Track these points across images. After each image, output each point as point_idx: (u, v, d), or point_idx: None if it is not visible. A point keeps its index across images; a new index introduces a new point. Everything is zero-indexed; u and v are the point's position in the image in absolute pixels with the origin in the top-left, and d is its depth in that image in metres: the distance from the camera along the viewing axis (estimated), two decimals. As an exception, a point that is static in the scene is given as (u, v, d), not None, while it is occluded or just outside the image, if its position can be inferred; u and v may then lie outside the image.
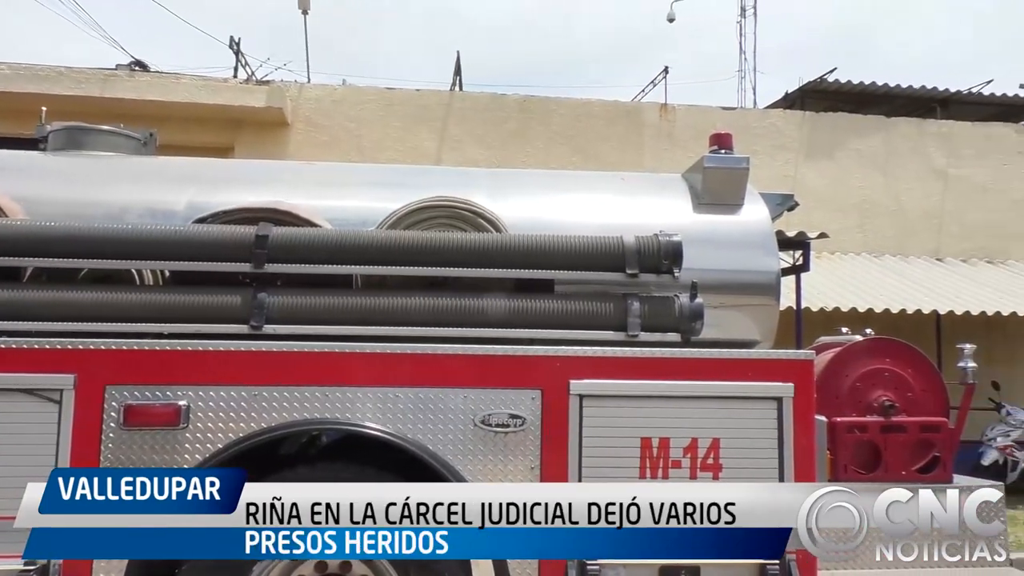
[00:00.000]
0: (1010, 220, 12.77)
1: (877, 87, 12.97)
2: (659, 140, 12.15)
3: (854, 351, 4.12)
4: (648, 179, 4.62)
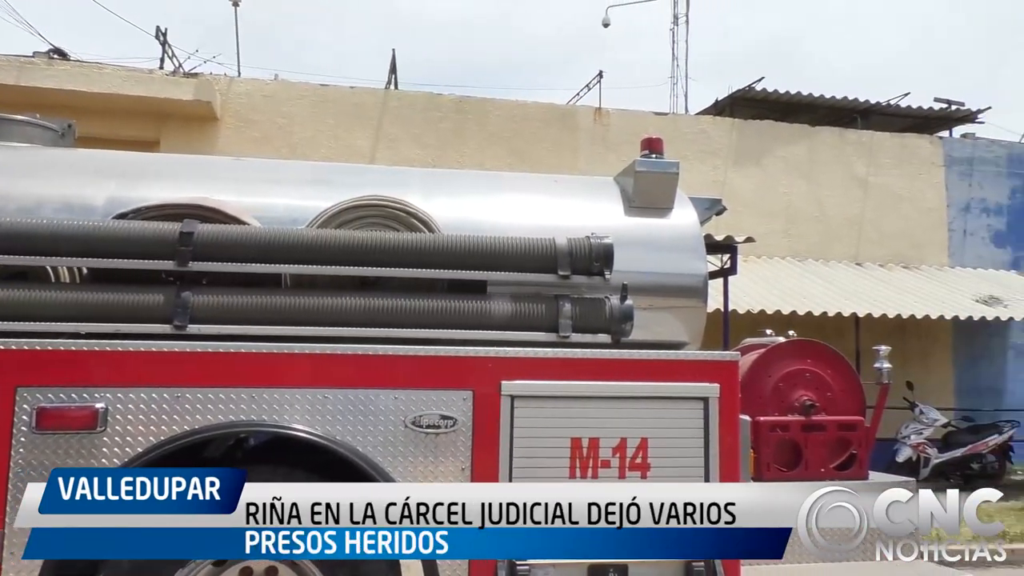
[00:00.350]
0: (924, 227, 13.38)
1: (802, 96, 13.40)
2: (593, 143, 12.31)
3: (777, 352, 4.25)
4: (581, 182, 4.66)
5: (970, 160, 13.73)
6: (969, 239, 13.56)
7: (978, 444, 10.63)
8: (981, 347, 13.07)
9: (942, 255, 13.35)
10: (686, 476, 3.38)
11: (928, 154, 13.60)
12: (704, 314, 4.00)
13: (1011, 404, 12.73)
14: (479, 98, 12.49)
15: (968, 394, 12.91)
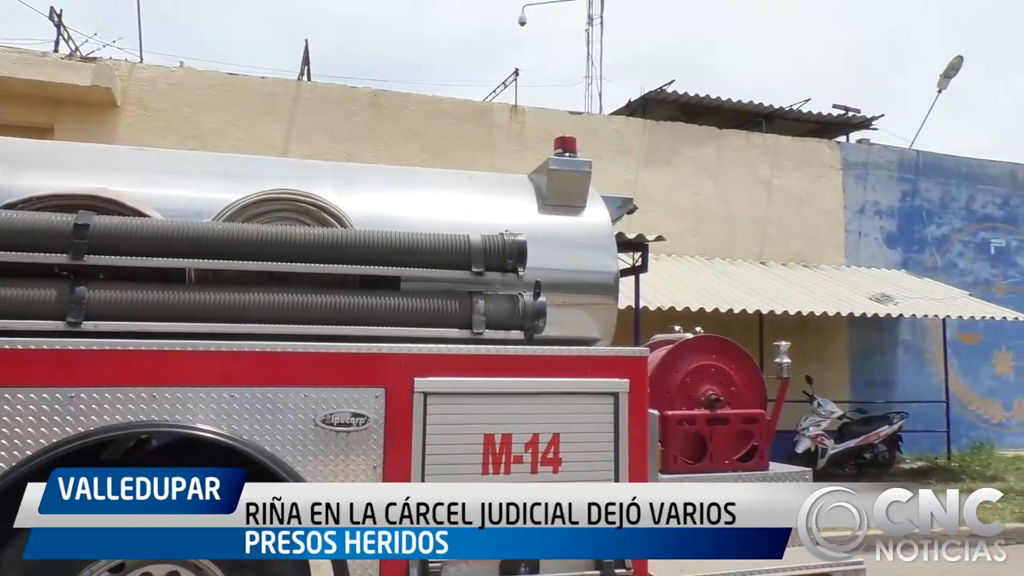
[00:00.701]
0: (823, 228, 14.00)
1: (710, 100, 13.80)
2: (509, 141, 12.36)
3: (684, 348, 4.38)
4: (495, 179, 4.68)
5: (865, 164, 14.46)
6: (864, 240, 14.27)
7: (870, 435, 11.18)
8: (874, 343, 13.78)
9: (839, 255, 14.00)
10: (597, 470, 3.44)
11: (827, 158, 14.23)
12: (615, 311, 4.07)
13: (900, 396, 13.46)
14: (395, 92, 12.35)
15: (862, 387, 13.59)
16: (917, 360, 14.07)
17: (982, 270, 14.98)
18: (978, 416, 14.36)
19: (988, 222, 15.17)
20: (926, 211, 14.70)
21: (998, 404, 14.61)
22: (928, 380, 13.79)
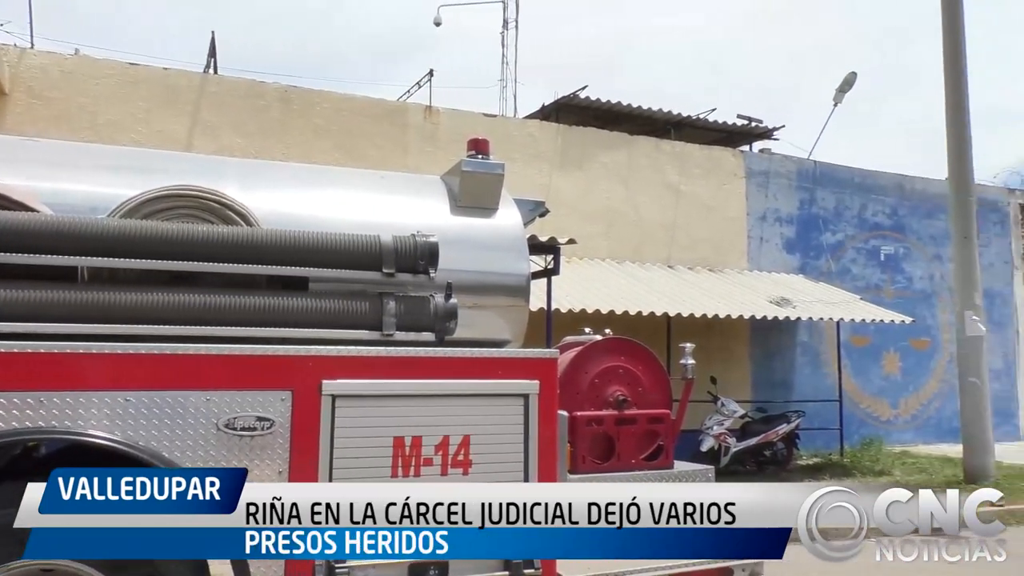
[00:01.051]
0: (727, 233, 14.50)
1: (622, 106, 14.10)
2: (423, 141, 12.29)
3: (594, 350, 4.45)
4: (407, 179, 4.65)
5: (766, 173, 15.06)
6: (765, 245, 14.85)
7: (770, 433, 11.63)
8: (774, 344, 14.36)
9: (742, 260, 14.53)
10: (506, 471, 3.45)
11: (731, 166, 14.75)
12: (527, 313, 4.11)
13: (798, 396, 14.07)
14: (305, 88, 12.10)
15: (762, 387, 14.13)
16: (813, 361, 14.74)
17: (872, 276, 15.82)
18: (868, 414, 15.16)
19: (878, 230, 16.04)
20: (822, 219, 15.43)
21: (886, 403, 15.46)
22: (823, 380, 14.47)
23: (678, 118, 14.63)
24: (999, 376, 16.14)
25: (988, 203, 16.73)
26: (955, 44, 11.63)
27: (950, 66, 11.68)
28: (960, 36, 11.64)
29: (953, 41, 11.65)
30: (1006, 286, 17.30)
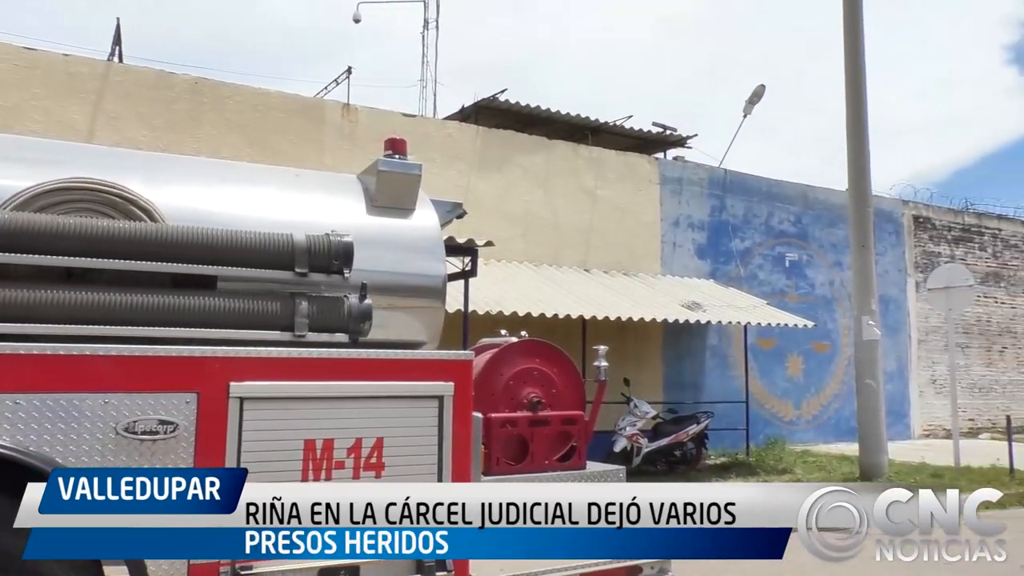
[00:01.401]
0: (642, 238, 14.82)
1: (541, 111, 14.22)
2: (340, 140, 12.10)
3: (509, 352, 4.47)
4: (322, 177, 4.57)
5: (680, 180, 15.46)
6: (677, 251, 15.25)
7: (680, 433, 11.92)
8: (685, 347, 14.75)
9: (655, 264, 14.87)
10: (420, 473, 3.43)
11: (646, 172, 15.08)
12: (442, 314, 4.09)
13: (707, 397, 14.49)
14: (217, 81, 11.74)
15: (674, 389, 14.49)
16: (722, 363, 15.22)
17: (778, 281, 16.45)
18: (773, 415, 15.75)
19: (784, 237, 16.70)
20: (732, 226, 15.95)
21: (789, 404, 16.10)
22: (731, 382, 14.94)
23: (595, 124, 14.86)
24: (893, 378, 17.04)
25: (884, 214, 17.65)
26: (856, 63, 12.23)
27: (851, 84, 12.28)
28: (860, 56, 12.24)
29: (854, 60, 12.25)
30: (900, 293, 18.28)
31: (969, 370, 18.99)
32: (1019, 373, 20.18)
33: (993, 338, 19.78)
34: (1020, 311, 20.46)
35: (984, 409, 19.07)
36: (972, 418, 18.56)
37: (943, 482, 9.83)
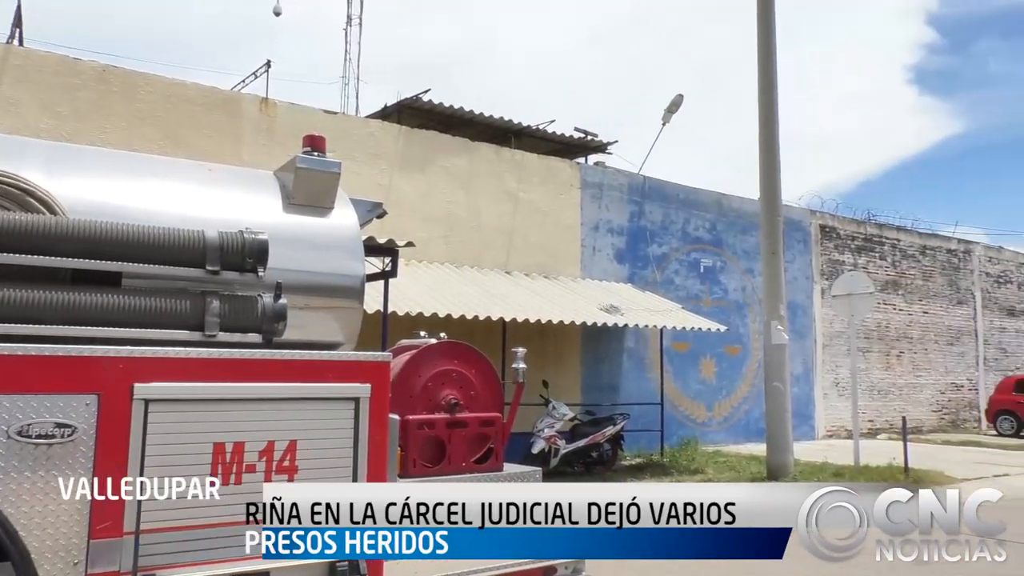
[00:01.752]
0: (563, 242, 14.98)
1: (464, 112, 14.21)
2: (259, 135, 11.80)
3: (427, 353, 4.44)
4: (237, 173, 4.43)
5: (600, 185, 15.70)
6: (597, 255, 15.48)
7: (597, 435, 12.11)
8: (603, 349, 14.98)
9: (575, 267, 15.05)
10: (335, 476, 3.37)
11: (568, 177, 15.26)
12: (360, 315, 4.03)
13: (624, 399, 14.75)
14: (127, 70, 11.26)
15: (592, 391, 14.70)
16: (638, 366, 15.52)
17: (693, 286, 16.90)
18: (686, 416, 16.16)
19: (699, 243, 17.16)
20: (650, 231, 16.30)
21: (702, 406, 16.55)
22: (647, 384, 15.26)
23: (518, 127, 14.94)
24: (799, 381, 17.74)
25: (793, 223, 18.36)
26: (768, 77, 12.68)
27: (763, 97, 12.72)
28: (772, 71, 12.70)
29: (767, 75, 12.69)
30: (807, 299, 19.05)
31: (869, 373, 19.94)
32: (914, 376, 21.32)
33: (891, 343, 20.83)
34: (916, 318, 21.62)
35: (883, 411, 20.05)
36: (871, 419, 19.50)
37: (843, 480, 10.29)
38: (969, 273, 23.43)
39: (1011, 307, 24.60)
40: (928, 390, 21.64)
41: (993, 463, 14.05)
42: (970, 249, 23.72)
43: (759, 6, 12.83)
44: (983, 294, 23.65)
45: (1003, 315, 24.30)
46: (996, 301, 24.12)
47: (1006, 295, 24.52)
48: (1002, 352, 24.01)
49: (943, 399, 22.04)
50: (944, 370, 22.15)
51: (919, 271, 22.00)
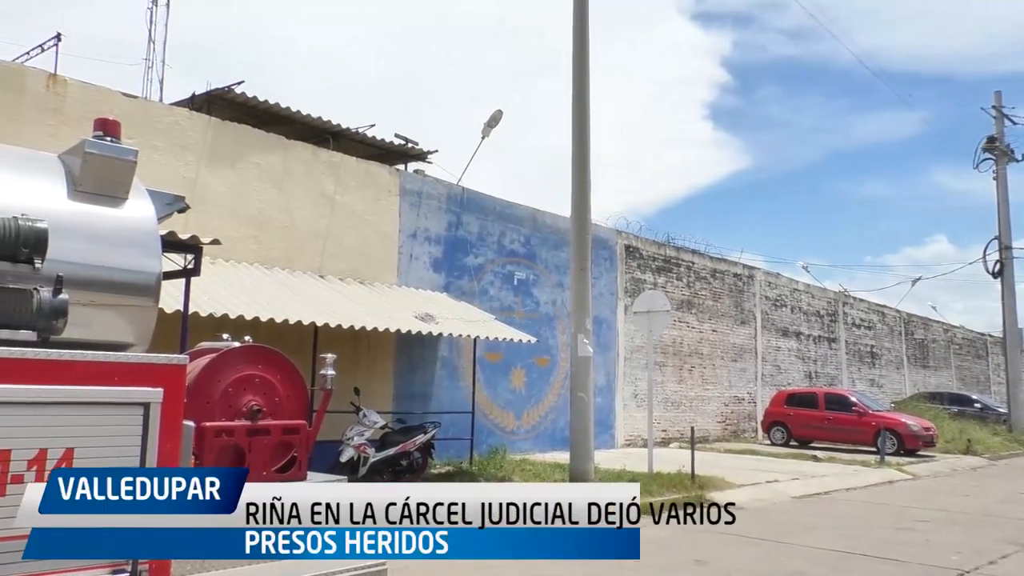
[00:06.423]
0: (379, 248, 14.83)
1: (280, 108, 13.68)
2: (43, 114, 10.70)
3: (228, 357, 4.23)
4: (14, 153, 4.00)
5: (419, 193, 15.72)
6: (414, 262, 15.47)
7: (407, 443, 12.06)
8: (417, 358, 14.97)
9: (392, 274, 14.95)
10: (117, 488, 3.12)
11: (387, 183, 15.14)
12: (155, 314, 3.76)
13: (436, 407, 14.83)
14: None
15: (404, 399, 14.64)
16: (452, 374, 15.66)
17: (507, 298, 17.33)
18: (496, 425, 16.50)
19: (514, 256, 17.65)
20: (467, 242, 16.54)
21: (511, 414, 16.98)
22: (459, 393, 15.43)
23: (337, 128, 14.61)
24: (602, 392, 18.69)
25: (601, 241, 19.36)
26: (581, 104, 13.29)
27: (577, 122, 13.31)
28: (585, 97, 13.32)
29: (580, 101, 13.30)
30: (611, 314, 20.13)
31: (664, 386, 21.40)
32: (704, 389, 23.15)
33: (684, 358, 22.50)
34: (706, 335, 23.51)
35: (675, 421, 21.58)
36: (665, 429, 20.92)
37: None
38: (752, 296, 25.83)
39: (785, 328, 27.40)
40: (714, 402, 23.56)
41: (766, 470, 15.54)
42: (753, 274, 26.16)
43: (575, 30, 13.42)
44: (763, 315, 26.16)
45: (778, 335, 27.01)
46: (773, 322, 26.77)
47: (781, 317, 27.28)
48: (776, 368, 26.66)
49: (727, 411, 24.08)
50: (728, 384, 24.23)
51: (710, 292, 23.95)
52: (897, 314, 35.33)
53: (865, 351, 32.31)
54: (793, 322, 27.89)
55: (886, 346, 34.00)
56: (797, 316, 28.13)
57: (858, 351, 31.79)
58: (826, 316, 29.99)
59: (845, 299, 31.57)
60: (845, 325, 31.04)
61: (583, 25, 13.32)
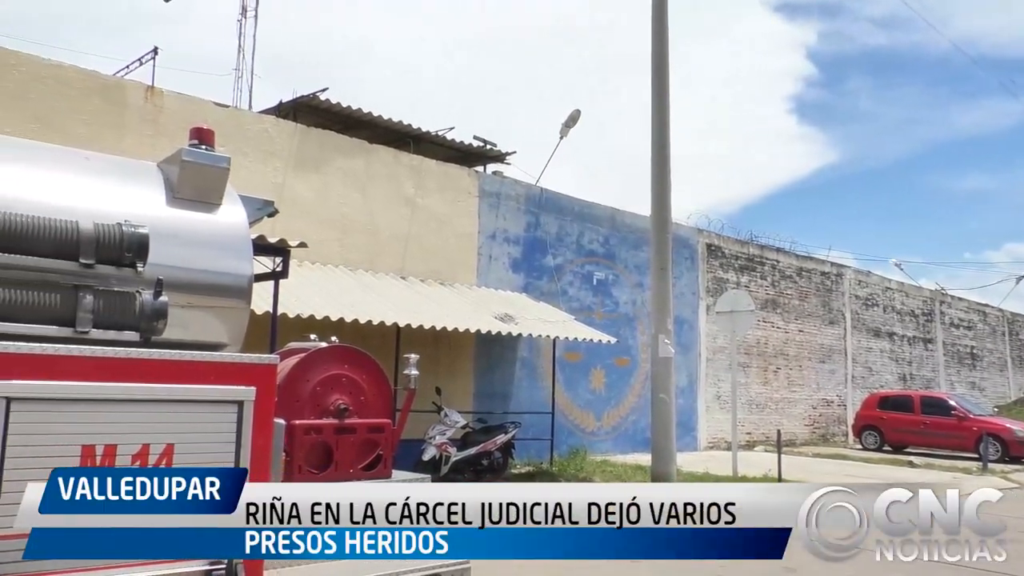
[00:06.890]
0: (459, 249, 14.98)
1: (363, 113, 13.99)
2: (143, 124, 11.24)
3: (316, 357, 4.34)
4: (117, 163, 4.20)
5: (498, 195, 15.81)
6: (493, 263, 15.56)
7: (488, 443, 12.14)
8: (496, 358, 15.05)
9: (471, 275, 15.08)
10: (212, 482, 3.24)
11: (466, 185, 15.28)
12: (247, 315, 3.90)
13: (516, 407, 14.87)
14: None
15: (484, 399, 14.74)
16: (531, 375, 15.68)
17: (586, 298, 17.24)
18: (576, 425, 16.43)
19: (593, 256, 17.54)
20: (545, 242, 16.53)
21: (591, 415, 16.88)
22: (539, 393, 15.43)
23: (417, 132, 14.83)
24: (683, 393, 18.38)
25: (682, 240, 19.04)
26: (661, 100, 13.12)
27: (656, 119, 13.14)
28: (665, 94, 13.14)
29: (660, 98, 13.13)
30: (693, 314, 19.77)
31: (748, 388, 20.88)
32: (790, 391, 22.49)
33: (769, 359, 21.90)
34: (792, 336, 22.83)
35: (760, 423, 21.04)
36: (749, 432, 20.42)
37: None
38: (840, 295, 24.95)
39: (877, 328, 26.36)
40: (801, 405, 22.86)
41: (858, 476, 14.97)
42: (842, 272, 25.27)
43: (653, 26, 13.25)
44: (852, 315, 25.24)
45: (870, 336, 26.00)
46: (864, 322, 25.79)
47: (872, 317, 26.26)
48: (868, 370, 25.67)
49: (815, 414, 23.33)
50: (816, 386, 23.47)
51: (796, 291, 23.25)
52: (1000, 313, 33.52)
53: (965, 352, 30.78)
54: (886, 322, 26.81)
55: (988, 347, 32.31)
56: (890, 316, 27.03)
57: (957, 352, 30.32)
58: (921, 316, 28.72)
59: (942, 298, 30.15)
60: (943, 325, 29.65)
61: (662, 21, 13.15)
